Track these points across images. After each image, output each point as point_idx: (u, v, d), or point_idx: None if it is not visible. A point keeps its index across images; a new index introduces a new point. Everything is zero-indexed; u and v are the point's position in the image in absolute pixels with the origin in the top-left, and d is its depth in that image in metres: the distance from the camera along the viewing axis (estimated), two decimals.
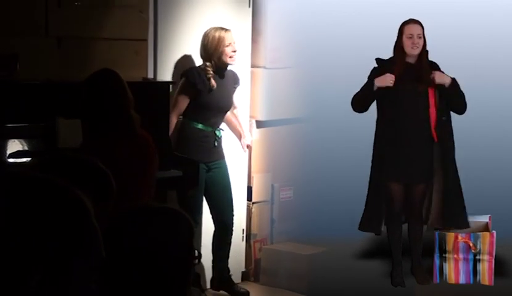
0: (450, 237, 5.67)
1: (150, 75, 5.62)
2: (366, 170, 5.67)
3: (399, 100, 5.55)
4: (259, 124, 6.31)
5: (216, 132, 5.70)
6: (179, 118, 5.66)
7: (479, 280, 5.65)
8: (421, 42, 5.54)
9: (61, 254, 1.45)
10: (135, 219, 2.01)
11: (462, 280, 5.67)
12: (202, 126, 5.65)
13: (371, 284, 5.65)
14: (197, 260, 2.03)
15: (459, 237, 5.66)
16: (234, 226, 5.86)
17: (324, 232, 6.15)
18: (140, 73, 5.56)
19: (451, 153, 5.62)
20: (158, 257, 1.95)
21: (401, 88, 5.53)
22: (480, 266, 5.64)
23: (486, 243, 5.63)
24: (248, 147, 6.17)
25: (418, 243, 5.68)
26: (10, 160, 4.62)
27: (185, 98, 5.61)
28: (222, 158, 5.77)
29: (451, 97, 5.58)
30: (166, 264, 1.96)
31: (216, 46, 5.58)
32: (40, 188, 1.49)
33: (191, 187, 5.34)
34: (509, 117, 6.64)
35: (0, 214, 1.44)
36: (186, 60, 5.75)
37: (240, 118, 6.06)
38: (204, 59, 5.63)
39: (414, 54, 5.56)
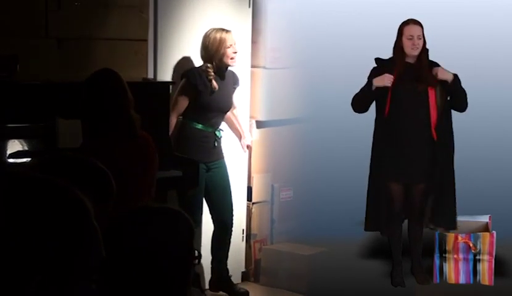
0: (450, 237, 5.67)
1: (150, 75, 5.62)
2: (366, 170, 5.67)
3: (399, 100, 5.55)
4: (259, 124, 6.31)
5: (216, 132, 5.70)
6: (179, 118, 5.66)
7: (479, 280, 5.66)
8: (421, 43, 5.54)
9: (61, 255, 1.45)
10: (135, 219, 2.01)
11: (462, 280, 5.68)
12: (202, 127, 5.65)
13: (371, 284, 5.65)
14: (197, 260, 2.03)
15: (459, 237, 5.66)
16: (234, 226, 5.86)
17: (324, 233, 6.15)
18: (140, 73, 5.56)
19: (450, 154, 5.62)
20: (158, 257, 1.95)
21: (401, 88, 5.53)
22: (480, 266, 5.65)
23: (486, 243, 5.63)
24: (248, 147, 6.17)
25: (418, 243, 5.69)
26: (10, 160, 4.62)
27: (185, 99, 5.60)
28: (221, 157, 5.77)
29: (454, 93, 5.57)
30: (166, 265, 1.96)
31: (217, 47, 5.57)
32: (40, 188, 1.49)
33: (191, 187, 5.34)
34: (509, 117, 6.65)
35: (1, 214, 1.44)
36: (186, 61, 5.75)
37: (240, 118, 6.06)
38: (205, 60, 5.62)
39: (414, 55, 5.57)
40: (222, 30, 5.62)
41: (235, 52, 5.62)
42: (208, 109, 5.63)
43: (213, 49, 5.58)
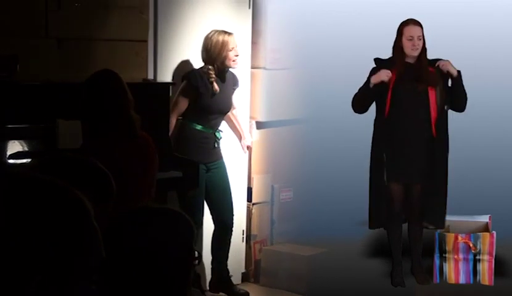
0: (450, 237, 5.67)
1: (150, 76, 5.61)
2: (365, 170, 5.67)
3: (399, 100, 5.55)
4: (259, 125, 6.30)
5: (216, 133, 5.70)
6: (179, 118, 5.66)
7: (479, 280, 5.65)
8: (421, 44, 5.54)
9: (61, 255, 1.45)
10: (135, 219, 2.01)
11: (462, 280, 5.67)
12: (202, 128, 5.65)
13: (371, 284, 5.65)
14: (197, 261, 2.03)
15: (459, 237, 5.66)
16: (234, 227, 5.86)
17: (324, 233, 6.15)
18: (140, 74, 5.56)
19: (445, 153, 5.61)
20: (158, 258, 1.95)
21: (400, 88, 5.53)
22: (480, 266, 5.64)
23: (486, 243, 5.62)
24: (248, 148, 6.17)
25: (418, 243, 5.69)
26: (10, 161, 4.62)
27: (185, 100, 5.60)
28: (220, 158, 5.77)
29: (455, 91, 5.56)
30: (166, 265, 1.96)
31: (219, 50, 5.55)
32: (40, 189, 1.49)
33: (191, 188, 5.34)
34: (509, 117, 6.65)
35: (1, 214, 1.44)
36: (186, 62, 5.75)
37: (240, 119, 6.06)
38: (206, 62, 5.61)
39: (414, 55, 5.56)
40: (225, 32, 5.59)
41: (237, 55, 5.61)
42: (208, 111, 5.63)
43: (215, 52, 5.56)
